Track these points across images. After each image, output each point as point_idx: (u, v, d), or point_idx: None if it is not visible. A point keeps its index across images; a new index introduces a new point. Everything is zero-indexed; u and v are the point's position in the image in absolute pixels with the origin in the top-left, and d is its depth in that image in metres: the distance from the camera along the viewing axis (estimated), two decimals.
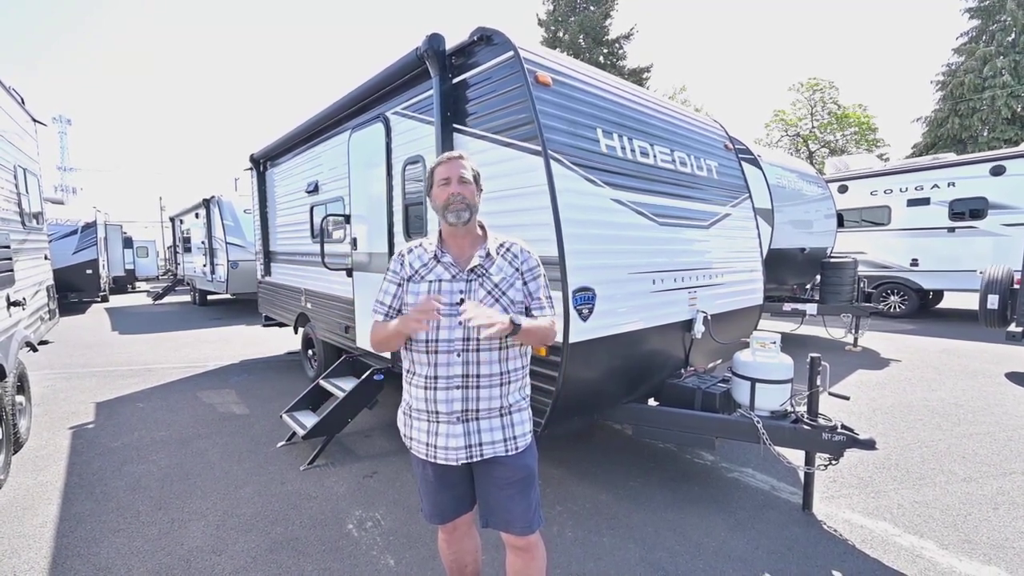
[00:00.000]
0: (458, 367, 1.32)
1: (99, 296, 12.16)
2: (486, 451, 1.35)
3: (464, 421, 1.33)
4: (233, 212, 9.54)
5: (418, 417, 1.39)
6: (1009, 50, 18.04)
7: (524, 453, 1.40)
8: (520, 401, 1.42)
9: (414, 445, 1.42)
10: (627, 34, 22.01)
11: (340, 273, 3.83)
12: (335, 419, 3.12)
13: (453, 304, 1.32)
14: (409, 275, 1.39)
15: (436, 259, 1.38)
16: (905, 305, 8.35)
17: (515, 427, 1.38)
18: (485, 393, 1.34)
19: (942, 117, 19.64)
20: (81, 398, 4.46)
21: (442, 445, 1.34)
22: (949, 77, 19.65)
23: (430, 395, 1.34)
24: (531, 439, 1.43)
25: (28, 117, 4.85)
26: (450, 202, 1.34)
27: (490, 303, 1.33)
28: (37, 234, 4.84)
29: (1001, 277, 5.02)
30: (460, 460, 1.34)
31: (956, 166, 7.86)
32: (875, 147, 23.58)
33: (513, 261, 1.39)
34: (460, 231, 1.38)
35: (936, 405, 4.01)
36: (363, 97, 3.40)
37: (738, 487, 2.69)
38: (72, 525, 2.37)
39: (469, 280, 1.34)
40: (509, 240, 1.45)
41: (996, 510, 2.43)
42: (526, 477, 1.40)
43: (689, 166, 3.16)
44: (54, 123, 35.86)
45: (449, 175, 1.36)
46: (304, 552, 2.13)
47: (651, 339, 2.64)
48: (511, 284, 1.36)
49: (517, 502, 1.39)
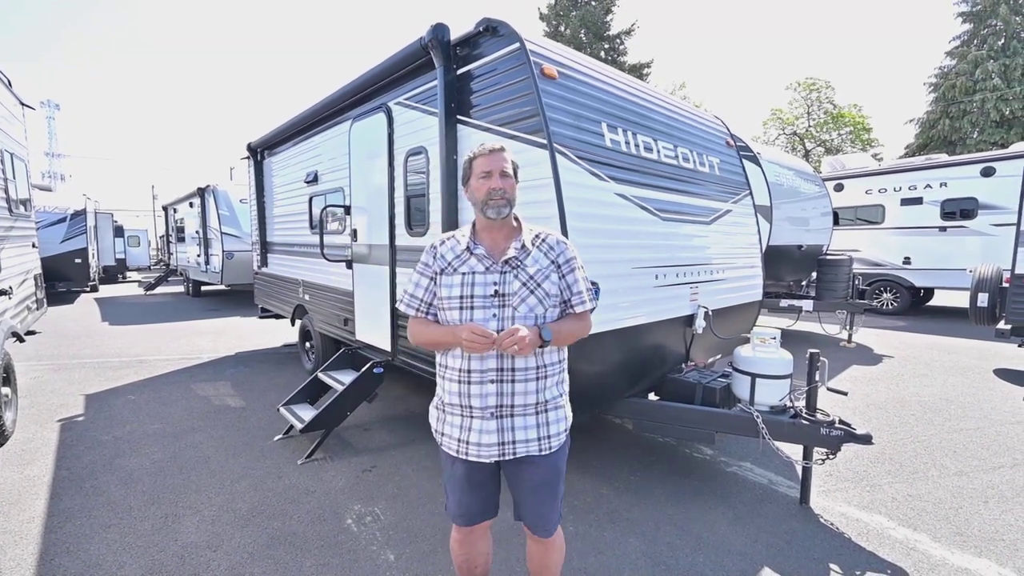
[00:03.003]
0: (492, 360, 1.29)
1: (88, 286, 11.93)
2: (519, 449, 1.32)
3: (498, 417, 1.31)
4: (229, 201, 9.38)
5: (451, 412, 1.37)
6: (999, 54, 18.27)
7: (557, 453, 1.38)
8: (557, 397, 1.39)
9: (445, 441, 1.39)
10: (628, 30, 21.94)
11: (339, 265, 3.79)
12: (334, 412, 3.09)
13: (487, 296, 1.30)
14: (442, 268, 1.36)
15: (469, 251, 1.34)
16: (898, 302, 8.48)
17: (550, 425, 1.36)
18: (520, 388, 1.31)
19: (934, 119, 19.88)
20: (70, 390, 4.37)
21: (475, 441, 1.32)
22: (941, 79, 19.87)
23: (463, 389, 1.32)
24: (565, 438, 1.40)
25: (15, 100, 4.70)
26: (491, 196, 1.30)
27: (524, 295, 1.30)
28: (24, 221, 4.72)
29: (991, 276, 5.12)
30: (492, 458, 1.32)
31: (948, 167, 7.97)
32: (869, 147, 23.84)
33: (549, 253, 1.36)
34: (496, 224, 1.35)
35: (928, 400, 4.09)
36: (365, 86, 3.34)
37: (737, 481, 2.72)
38: (61, 521, 2.31)
39: (503, 272, 1.31)
40: (545, 231, 1.41)
41: (986, 503, 2.48)
42: (556, 478, 1.39)
43: (692, 162, 3.16)
44: (42, 107, 34.96)
45: (491, 168, 1.32)
46: (302, 547, 2.11)
47: (653, 334, 2.65)
48: (546, 276, 1.33)
49: (548, 505, 1.40)
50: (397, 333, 3.18)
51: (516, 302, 1.29)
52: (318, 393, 3.56)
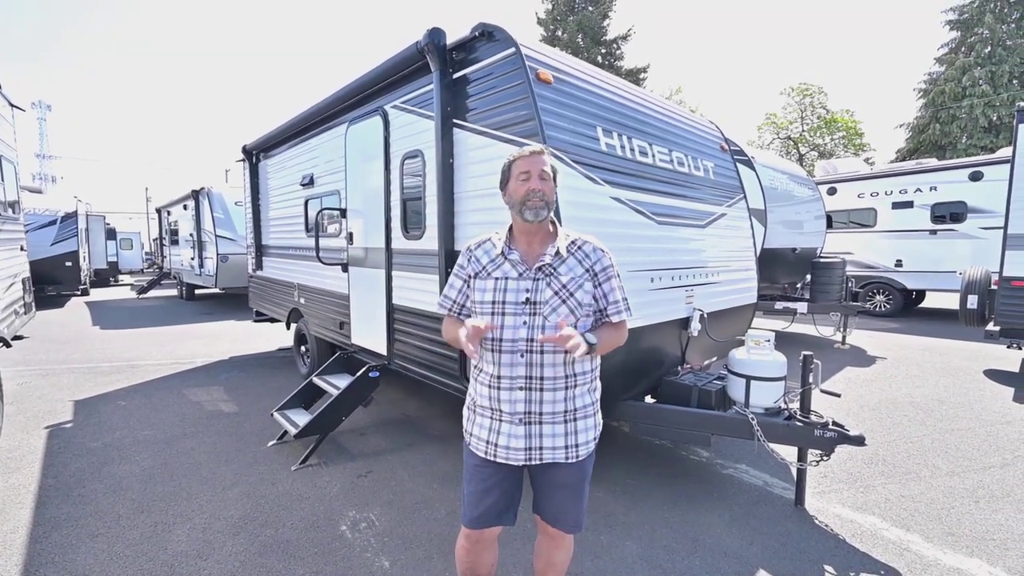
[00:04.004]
0: (521, 368, 1.29)
1: (79, 289, 11.78)
2: (546, 456, 1.32)
3: (527, 423, 1.31)
4: (223, 204, 9.31)
5: (482, 413, 1.37)
6: (987, 61, 18.62)
7: (584, 460, 1.37)
8: (587, 406, 1.37)
9: (473, 441, 1.39)
10: (625, 35, 22.14)
11: (335, 268, 3.77)
12: (328, 417, 3.06)
13: (519, 303, 1.29)
14: (476, 271, 1.36)
15: (504, 256, 1.33)
16: (890, 304, 8.58)
17: (578, 434, 1.34)
18: (549, 396, 1.30)
19: (924, 124, 20.20)
20: (58, 396, 4.30)
21: (503, 444, 1.32)
22: (931, 85, 20.20)
23: (494, 394, 1.33)
24: (592, 447, 1.39)
25: (5, 101, 4.65)
26: (529, 198, 1.28)
27: (556, 304, 1.28)
28: (12, 224, 4.66)
29: (980, 278, 5.19)
30: (519, 461, 1.32)
31: (938, 171, 8.10)
32: (862, 151, 24.15)
33: (584, 260, 1.33)
34: (532, 227, 1.32)
35: (920, 401, 4.13)
36: (362, 90, 3.34)
37: (732, 483, 2.73)
38: (47, 530, 2.25)
39: (536, 279, 1.29)
40: (582, 238, 1.38)
41: (977, 503, 2.51)
42: (581, 480, 1.39)
43: (687, 166, 3.18)
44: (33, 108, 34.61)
45: (530, 169, 1.29)
46: (295, 555, 2.08)
47: (649, 337, 2.66)
48: (579, 285, 1.30)
49: (572, 503, 1.40)
50: (393, 337, 3.17)
51: (547, 311, 1.28)
52: (313, 398, 3.53)
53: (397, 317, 3.12)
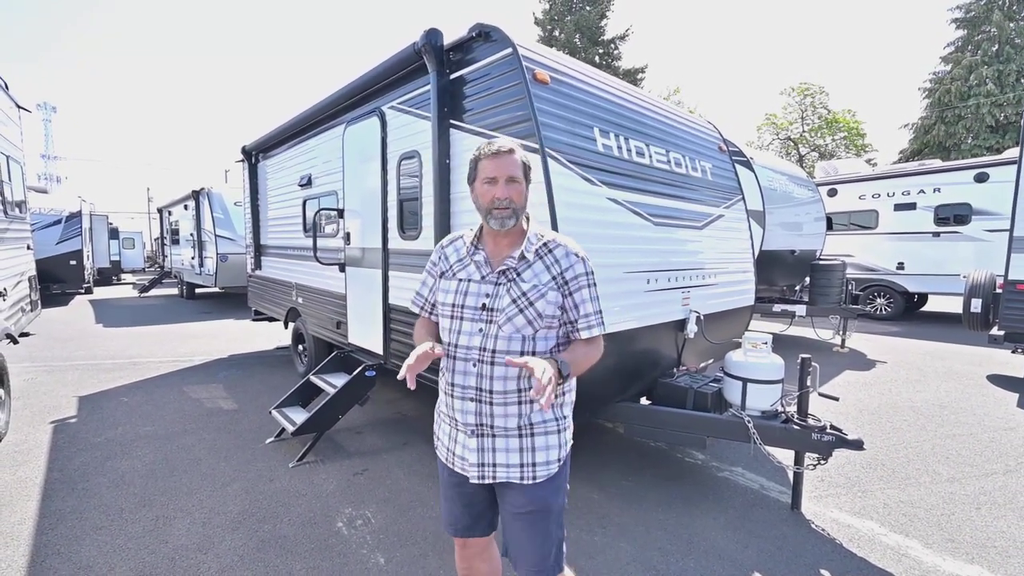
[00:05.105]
0: (472, 378, 1.19)
1: (83, 288, 11.89)
2: (499, 474, 1.20)
3: (479, 436, 1.21)
4: (223, 204, 9.37)
5: (444, 420, 1.32)
6: (993, 60, 18.47)
7: (543, 485, 1.21)
8: (548, 421, 1.22)
9: (438, 446, 1.34)
10: (622, 35, 22.10)
11: (333, 268, 3.79)
12: (325, 415, 3.08)
13: (476, 308, 1.19)
14: (443, 270, 1.30)
15: (470, 256, 1.25)
16: (891, 307, 8.50)
17: (536, 452, 1.20)
18: (499, 411, 1.19)
19: (929, 124, 20.05)
20: (63, 392, 4.35)
21: (459, 454, 1.25)
22: (936, 85, 20.05)
23: (450, 401, 1.26)
24: (556, 470, 1.22)
25: (12, 103, 4.70)
26: (494, 206, 1.17)
27: (513, 313, 1.16)
28: (19, 223, 4.71)
29: (984, 281, 5.14)
30: (473, 478, 1.22)
31: (941, 172, 8.02)
32: (863, 152, 24.00)
33: (553, 266, 1.20)
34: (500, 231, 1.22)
35: (921, 406, 4.09)
36: (359, 91, 3.35)
37: (728, 486, 2.72)
38: (52, 522, 2.31)
39: (497, 283, 1.19)
40: (556, 240, 1.24)
41: (978, 510, 2.48)
42: (540, 511, 1.21)
43: (684, 167, 3.18)
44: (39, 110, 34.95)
45: (496, 174, 1.17)
46: (292, 550, 2.10)
47: (645, 338, 2.65)
48: (542, 295, 1.17)
49: (530, 538, 1.21)
50: (390, 336, 3.18)
51: (503, 320, 1.17)
52: (310, 396, 3.55)
53: (393, 317, 3.13)
